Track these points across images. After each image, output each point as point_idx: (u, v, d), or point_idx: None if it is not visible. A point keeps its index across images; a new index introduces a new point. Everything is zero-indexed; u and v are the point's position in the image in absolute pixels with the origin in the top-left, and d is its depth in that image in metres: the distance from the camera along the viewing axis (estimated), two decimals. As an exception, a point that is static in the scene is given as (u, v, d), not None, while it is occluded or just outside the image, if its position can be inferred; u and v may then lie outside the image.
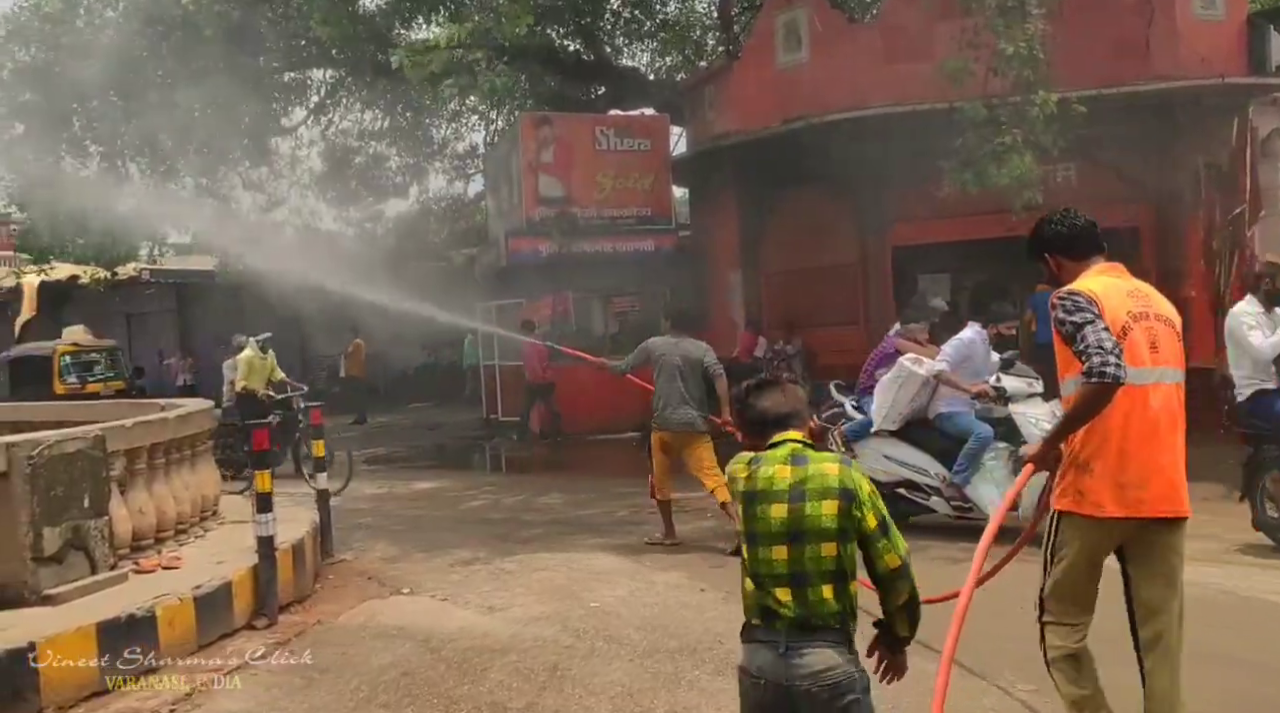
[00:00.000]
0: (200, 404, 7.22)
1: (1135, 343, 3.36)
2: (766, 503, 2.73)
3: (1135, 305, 3.45)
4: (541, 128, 17.15)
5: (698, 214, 19.45)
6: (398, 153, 25.33)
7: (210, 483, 6.98)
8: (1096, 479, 3.34)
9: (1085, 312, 3.30)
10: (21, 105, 16.77)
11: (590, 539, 8.20)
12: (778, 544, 2.70)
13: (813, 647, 2.65)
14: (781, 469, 2.75)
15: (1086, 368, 3.18)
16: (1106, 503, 3.33)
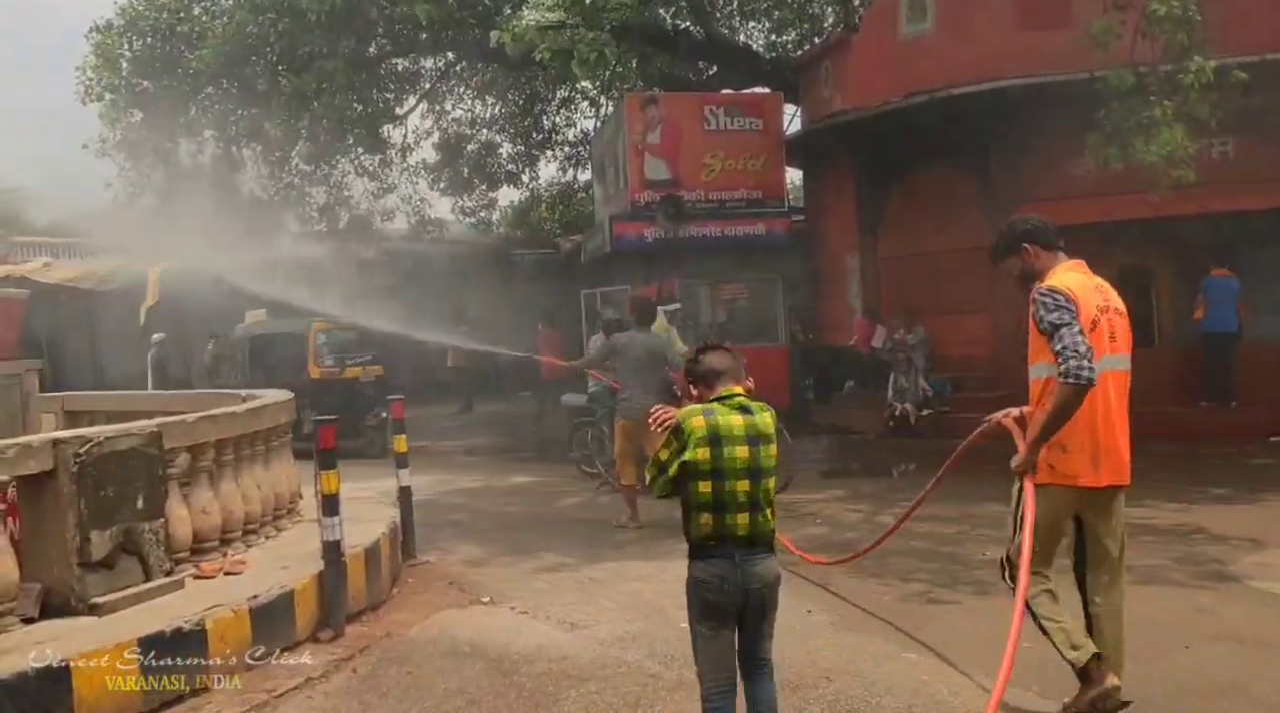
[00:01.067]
0: (278, 395, 6.86)
1: (1101, 334, 3.79)
2: (731, 445, 3.35)
3: (1100, 300, 3.88)
4: (648, 108, 16.56)
5: (812, 196, 18.62)
6: (509, 141, 25.31)
7: (287, 478, 6.61)
8: (1072, 455, 3.84)
9: (1064, 311, 3.69)
10: (139, 94, 16.98)
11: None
12: (741, 479, 3.35)
13: (758, 556, 3.41)
14: (735, 417, 3.40)
15: (1064, 370, 3.57)
16: (1080, 474, 3.85)
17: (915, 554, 7.13)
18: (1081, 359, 3.58)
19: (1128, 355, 3.98)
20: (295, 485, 6.87)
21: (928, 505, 8.70)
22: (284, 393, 7.07)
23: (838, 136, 16.05)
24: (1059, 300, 3.73)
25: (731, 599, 3.37)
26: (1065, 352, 3.60)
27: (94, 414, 8.69)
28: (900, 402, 14.21)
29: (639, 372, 8.49)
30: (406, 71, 22.43)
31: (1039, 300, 3.78)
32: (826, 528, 8.07)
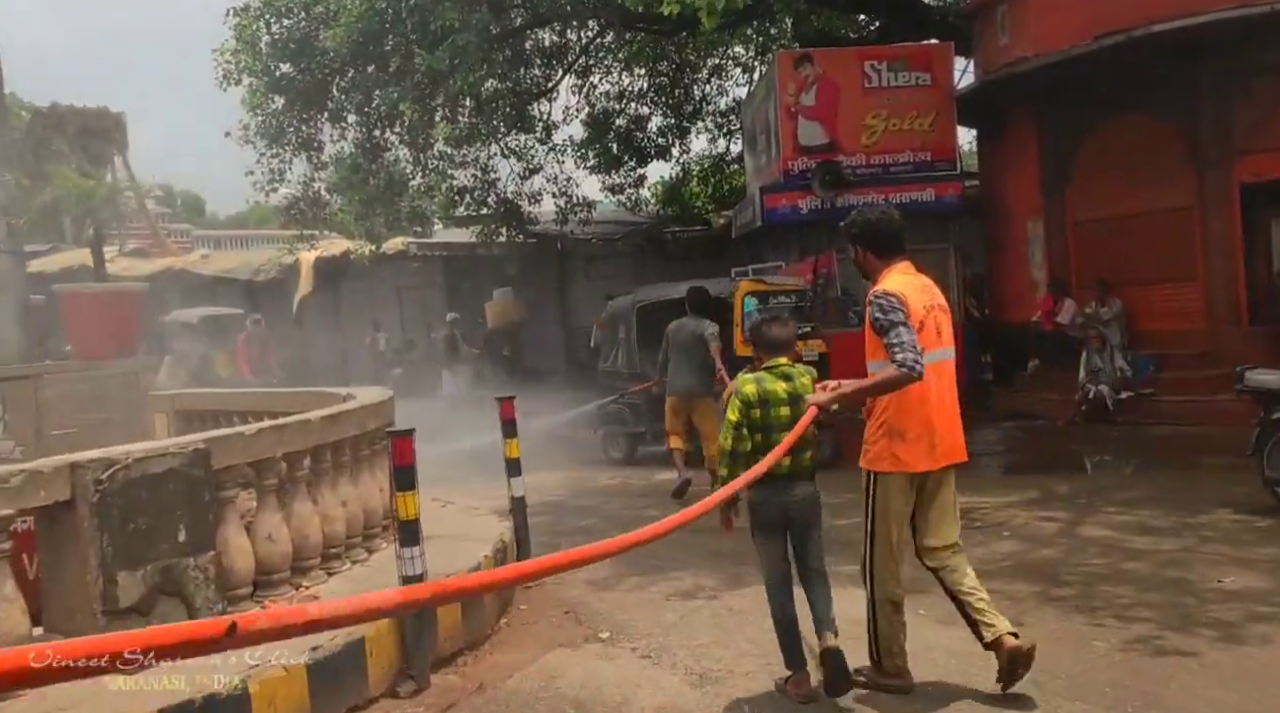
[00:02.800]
0: (374, 396, 6.04)
1: (929, 331, 4.11)
2: (777, 406, 4.34)
3: (927, 299, 4.19)
4: (801, 67, 15.24)
5: (987, 157, 16.88)
6: (659, 113, 24.39)
7: (383, 491, 5.78)
8: (910, 444, 4.15)
9: (897, 312, 3.99)
10: (279, 78, 16.74)
11: (849, 565, 6.39)
12: (784, 431, 4.24)
13: (796, 484, 4.40)
14: (780, 384, 4.37)
15: (899, 360, 3.91)
16: (920, 460, 4.18)
17: (1133, 580, 5.73)
18: (915, 354, 3.90)
19: (952, 347, 4.29)
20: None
21: (1141, 514, 7.48)
22: (380, 394, 6.23)
23: (1017, 88, 14.42)
24: (892, 302, 4.00)
25: (775, 515, 4.40)
26: (902, 346, 3.91)
27: (204, 415, 8.13)
28: (1094, 384, 12.54)
29: (682, 353, 9.02)
30: (553, 46, 21.71)
31: (874, 302, 4.05)
32: (1018, 544, 6.70)
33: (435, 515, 6.52)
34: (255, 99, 16.83)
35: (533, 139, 22.39)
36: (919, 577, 4.63)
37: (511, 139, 21.84)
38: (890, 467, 4.19)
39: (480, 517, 6.65)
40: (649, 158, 24.77)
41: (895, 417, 4.14)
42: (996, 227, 16.09)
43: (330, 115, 17.94)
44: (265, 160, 17.41)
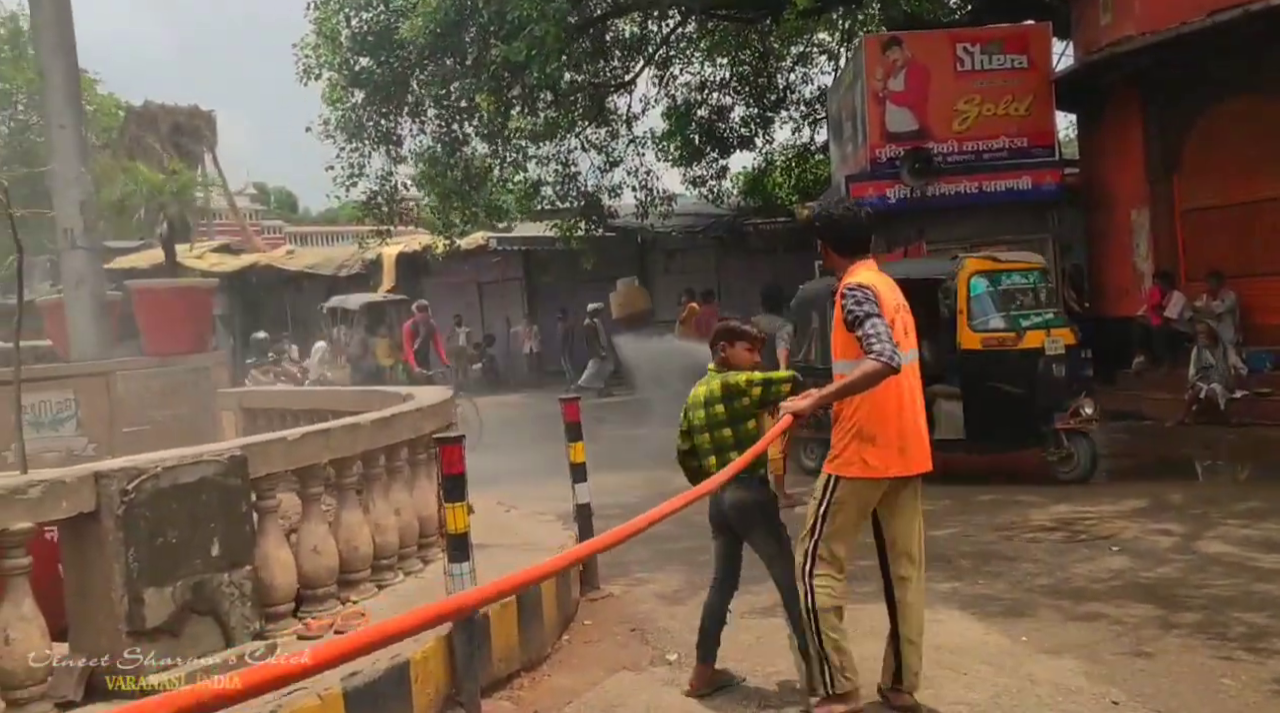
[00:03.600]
0: (432, 397, 5.73)
1: (898, 330, 3.87)
2: (696, 409, 4.43)
3: (895, 298, 4.00)
4: (889, 50, 14.59)
5: (1088, 142, 16.02)
6: (741, 103, 23.90)
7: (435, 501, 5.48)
8: (881, 448, 3.93)
9: (869, 304, 3.78)
10: (358, 72, 16.69)
11: (935, 582, 5.88)
12: (703, 433, 4.39)
13: (728, 487, 4.10)
14: (700, 387, 4.47)
15: (876, 351, 3.66)
16: (890, 466, 3.95)
17: (1265, 605, 5.09)
18: (892, 346, 3.70)
19: (916, 350, 4.13)
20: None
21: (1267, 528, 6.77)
22: (438, 394, 5.93)
23: (1121, 69, 13.61)
24: (866, 293, 3.83)
25: (713, 516, 4.49)
26: (879, 336, 3.70)
27: (269, 413, 7.96)
28: (1205, 383, 11.69)
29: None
30: (633, 37, 21.38)
31: (847, 295, 3.87)
32: (1129, 560, 6.10)
33: (497, 522, 6.22)
34: (335, 94, 16.83)
35: (612, 132, 22.07)
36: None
37: (591, 132, 21.58)
38: (860, 472, 3.96)
39: (544, 524, 6.32)
40: (731, 149, 24.33)
41: (866, 419, 3.93)
42: (1098, 216, 15.25)
43: (409, 109, 17.87)
44: (345, 155, 17.38)
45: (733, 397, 4.32)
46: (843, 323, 3.86)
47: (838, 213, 4.11)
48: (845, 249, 4.07)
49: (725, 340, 4.51)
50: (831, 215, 4.11)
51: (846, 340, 3.88)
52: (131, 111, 30.35)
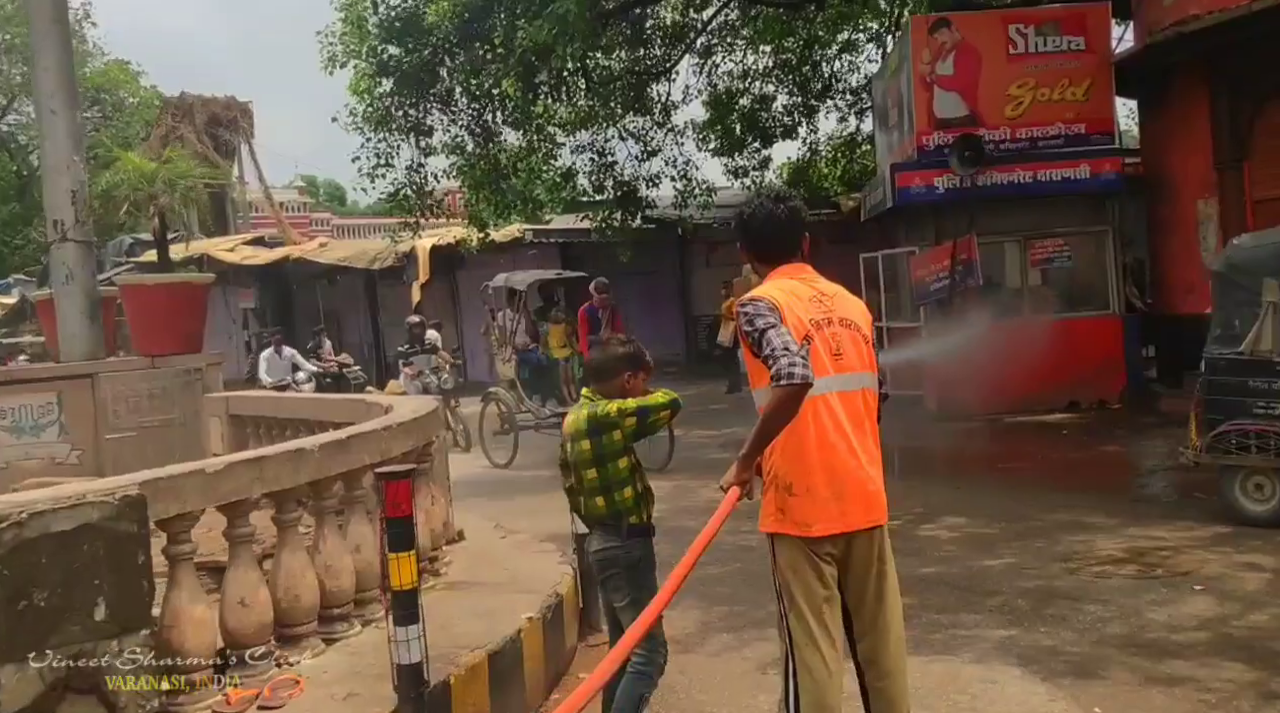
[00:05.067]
0: (411, 411, 5.06)
1: (816, 352, 3.18)
2: (573, 441, 3.84)
3: (818, 312, 3.28)
4: (938, 32, 13.72)
5: (1150, 129, 15.04)
6: (785, 92, 23.14)
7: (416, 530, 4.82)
8: (799, 498, 3.20)
9: (766, 317, 3.14)
10: (386, 60, 16.14)
11: (989, 627, 5.14)
12: (588, 468, 3.82)
13: (592, 534, 3.88)
14: (570, 416, 3.92)
15: (774, 372, 2.99)
16: (813, 521, 3.18)
17: None
18: (794, 357, 2.98)
19: (863, 372, 3.32)
20: (437, 528, 5.10)
21: None
22: (420, 407, 5.26)
23: (1185, 51, 12.71)
24: (758, 307, 3.18)
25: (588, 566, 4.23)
26: (775, 353, 3.01)
27: (257, 421, 7.37)
28: None
29: None
30: (675, 25, 20.70)
31: (741, 313, 3.22)
32: (1214, 602, 5.28)
33: (488, 551, 5.58)
34: (362, 83, 16.31)
35: (651, 121, 21.42)
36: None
37: (629, 121, 20.94)
38: (777, 526, 3.24)
39: (540, 554, 5.64)
40: (774, 138, 23.62)
41: (781, 461, 3.22)
42: (1161, 207, 14.29)
43: (439, 99, 17.31)
44: (371, 145, 16.84)
45: (600, 431, 3.75)
46: (748, 349, 3.20)
47: (748, 210, 3.44)
48: (762, 251, 3.41)
49: (631, 368, 3.90)
50: (744, 215, 3.44)
51: (757, 366, 3.17)
52: (167, 103, 30.28)
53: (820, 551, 3.20)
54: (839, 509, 3.18)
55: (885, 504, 3.29)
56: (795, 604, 3.18)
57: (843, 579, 3.27)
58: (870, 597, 3.26)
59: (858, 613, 3.28)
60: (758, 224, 3.39)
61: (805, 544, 3.19)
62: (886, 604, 3.28)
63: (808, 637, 3.15)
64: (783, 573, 3.23)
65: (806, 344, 3.14)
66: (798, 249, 3.41)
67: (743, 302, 3.24)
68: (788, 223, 3.38)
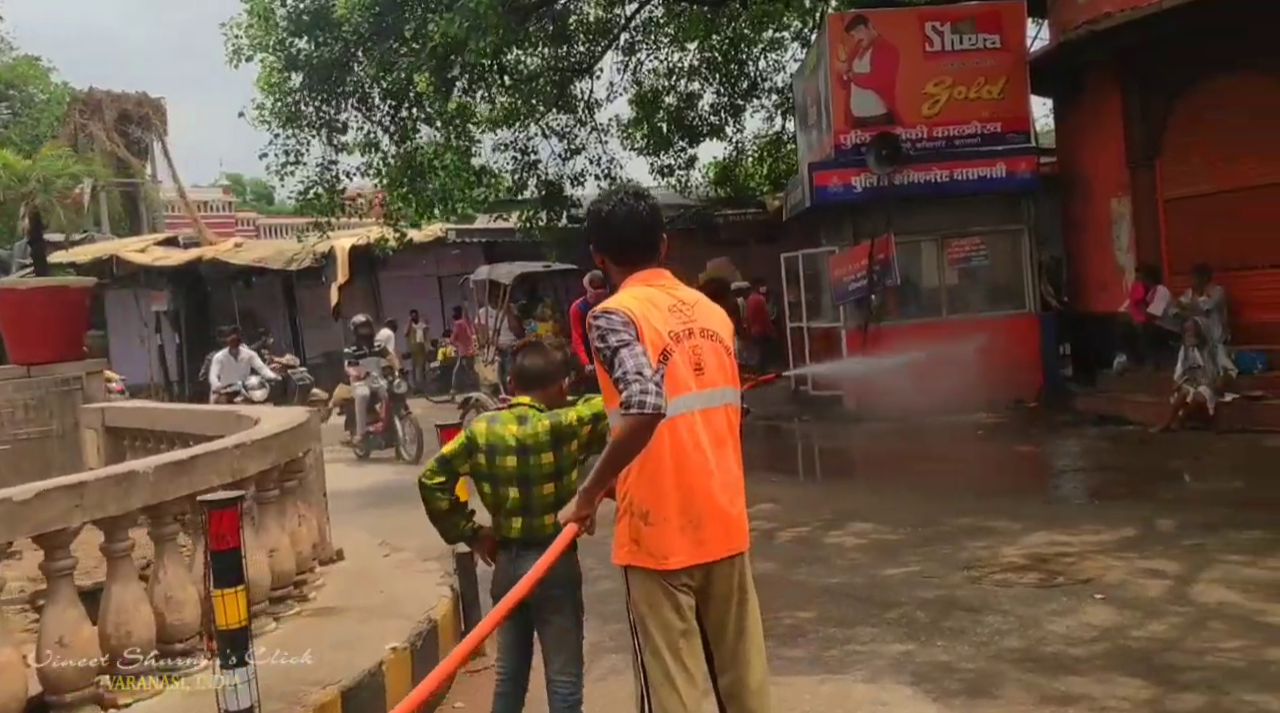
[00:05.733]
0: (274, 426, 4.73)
1: (676, 367, 2.95)
2: (503, 455, 3.46)
3: (677, 323, 3.01)
4: (855, 29, 13.67)
5: (1065, 128, 15.16)
6: (711, 90, 23.03)
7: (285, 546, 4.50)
8: (656, 528, 2.93)
9: (621, 333, 2.85)
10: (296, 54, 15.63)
11: (886, 641, 4.96)
12: (511, 486, 3.47)
13: (531, 555, 3.12)
14: (511, 427, 3.50)
15: (624, 398, 2.72)
16: (670, 552, 2.93)
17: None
18: (647, 383, 2.71)
19: (726, 387, 3.06)
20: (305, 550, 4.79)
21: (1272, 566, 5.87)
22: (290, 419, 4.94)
23: (1099, 49, 12.82)
24: (612, 321, 2.87)
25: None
26: (626, 377, 2.73)
27: (134, 434, 6.97)
28: (1192, 385, 10.87)
29: None
30: (598, 21, 20.44)
31: (593, 326, 2.91)
32: (1114, 612, 5.16)
33: (367, 572, 5.28)
34: (272, 77, 15.76)
35: (575, 119, 21.16)
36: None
37: (553, 119, 20.64)
38: (631, 559, 2.97)
39: (421, 574, 5.34)
40: (700, 137, 23.45)
41: (636, 487, 2.95)
42: (1076, 205, 14.40)
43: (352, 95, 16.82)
44: (279, 141, 16.29)
45: (562, 442, 3.47)
46: (600, 365, 2.92)
47: (605, 209, 3.10)
48: (624, 257, 3.10)
49: (567, 373, 3.68)
50: (602, 212, 3.10)
51: (610, 386, 2.88)
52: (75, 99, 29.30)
53: (677, 582, 2.95)
54: (698, 538, 2.94)
55: (747, 530, 3.06)
56: (651, 641, 2.92)
57: (702, 611, 3.02)
58: (731, 629, 3.02)
59: (718, 646, 3.03)
60: (619, 223, 3.06)
61: (662, 576, 2.93)
62: (748, 636, 3.05)
63: (664, 676, 2.90)
64: (637, 607, 2.96)
65: (664, 363, 2.89)
66: (657, 252, 3.11)
67: (595, 313, 2.93)
68: (649, 222, 3.09)
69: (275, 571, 4.50)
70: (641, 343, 2.85)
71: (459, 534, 3.67)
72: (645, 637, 2.95)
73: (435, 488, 3.50)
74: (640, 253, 3.09)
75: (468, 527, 3.63)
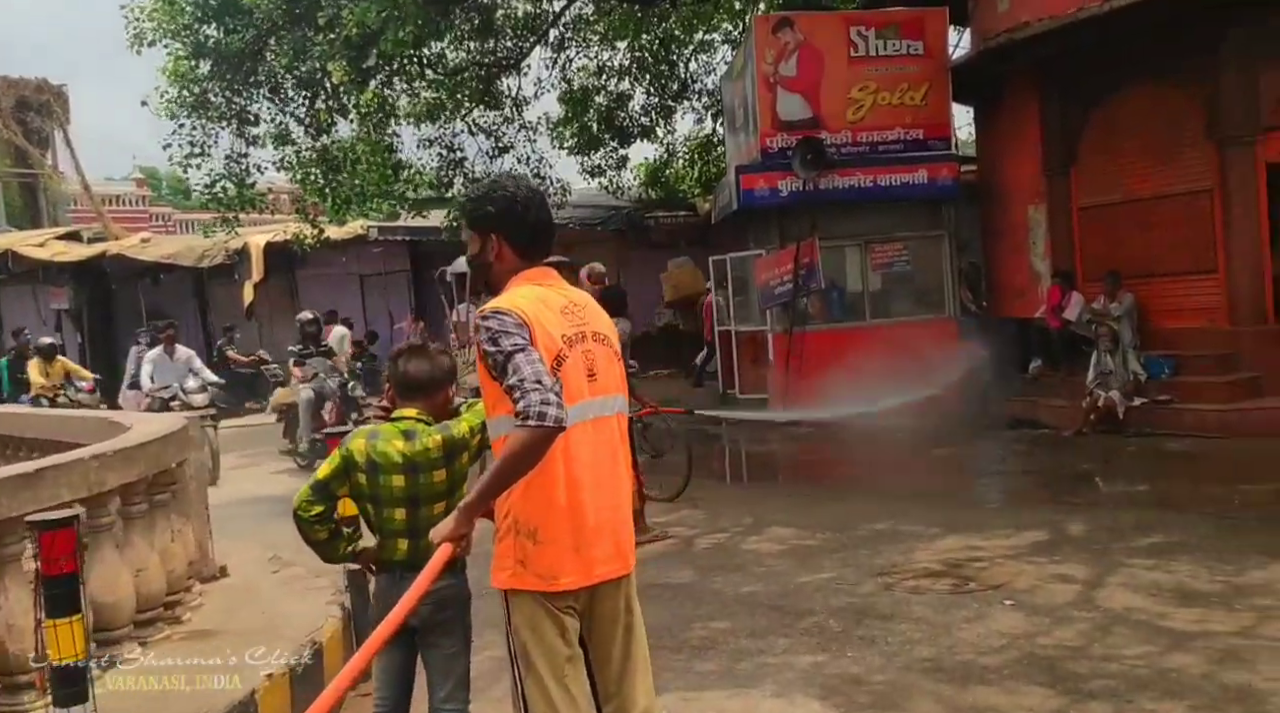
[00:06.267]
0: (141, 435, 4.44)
1: (570, 372, 2.76)
2: (388, 474, 3.20)
3: (570, 326, 2.83)
4: (781, 32, 13.68)
5: (985, 135, 15.39)
6: (642, 91, 22.94)
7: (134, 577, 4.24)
8: (545, 546, 2.74)
9: (515, 336, 2.65)
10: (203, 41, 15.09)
11: (798, 652, 4.89)
12: (398, 507, 3.23)
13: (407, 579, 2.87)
14: (396, 443, 3.23)
15: (522, 408, 2.52)
16: (560, 573, 2.75)
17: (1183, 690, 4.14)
18: (547, 393, 2.53)
19: (617, 395, 2.92)
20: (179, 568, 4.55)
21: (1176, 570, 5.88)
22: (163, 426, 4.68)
23: (1017, 58, 12.99)
24: (505, 323, 2.67)
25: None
26: (523, 385, 2.54)
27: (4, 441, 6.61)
28: (1103, 389, 11.07)
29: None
30: (527, 16, 20.21)
31: (483, 326, 2.70)
32: (1023, 618, 5.15)
33: (252, 589, 5.05)
34: (178, 66, 15.18)
35: (502, 116, 20.89)
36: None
37: (479, 115, 20.35)
38: (517, 582, 2.78)
39: (310, 594, 5.09)
40: (631, 138, 23.34)
41: (522, 502, 2.75)
42: (995, 212, 14.61)
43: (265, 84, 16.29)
44: (184, 132, 15.67)
45: (454, 456, 3.27)
46: (485, 370, 2.74)
47: (525, 195, 2.90)
48: (529, 249, 2.89)
49: (453, 380, 3.44)
50: (517, 197, 2.88)
51: (496, 392, 2.71)
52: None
53: (563, 604, 2.80)
54: (590, 558, 2.79)
55: (634, 547, 2.93)
56: (533, 669, 2.76)
57: (586, 635, 2.87)
58: (617, 653, 2.88)
59: (603, 672, 2.88)
60: (534, 209, 2.88)
61: (546, 599, 2.78)
62: (634, 660, 2.90)
63: (548, 706, 2.74)
64: (519, 634, 2.78)
65: (558, 368, 2.73)
66: (550, 249, 2.98)
67: (484, 313, 2.73)
68: (550, 215, 2.98)
69: (142, 592, 4.24)
70: (536, 347, 2.67)
71: (340, 557, 3.42)
72: (527, 665, 2.78)
73: (313, 520, 3.22)
74: (543, 246, 2.93)
75: (349, 550, 3.38)
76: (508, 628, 2.83)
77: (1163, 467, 9.41)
